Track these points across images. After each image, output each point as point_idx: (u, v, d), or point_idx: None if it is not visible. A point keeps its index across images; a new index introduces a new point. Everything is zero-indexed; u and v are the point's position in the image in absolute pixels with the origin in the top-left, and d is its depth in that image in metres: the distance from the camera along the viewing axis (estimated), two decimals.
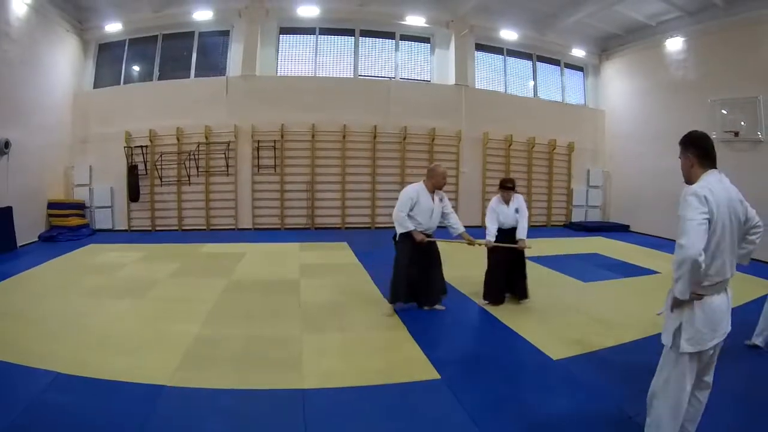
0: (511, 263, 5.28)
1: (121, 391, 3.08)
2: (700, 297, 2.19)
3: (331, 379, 3.40)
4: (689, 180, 2.32)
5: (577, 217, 12.91)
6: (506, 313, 5.07)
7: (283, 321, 4.70)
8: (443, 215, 5.03)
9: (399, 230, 4.81)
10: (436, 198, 4.93)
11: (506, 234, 5.23)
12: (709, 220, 2.11)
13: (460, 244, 5.07)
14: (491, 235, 5.13)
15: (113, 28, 10.66)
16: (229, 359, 3.71)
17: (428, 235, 4.92)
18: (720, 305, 2.25)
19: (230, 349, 3.91)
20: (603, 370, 3.73)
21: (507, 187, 5.27)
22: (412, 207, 4.80)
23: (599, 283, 6.69)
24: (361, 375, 3.49)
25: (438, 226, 5.05)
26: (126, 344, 3.91)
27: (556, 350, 4.05)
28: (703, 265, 2.07)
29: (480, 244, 5.08)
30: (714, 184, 2.20)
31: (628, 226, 12.46)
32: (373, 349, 4.10)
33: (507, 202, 5.27)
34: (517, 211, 5.25)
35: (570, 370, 3.70)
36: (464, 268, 5.89)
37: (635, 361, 3.76)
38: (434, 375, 3.53)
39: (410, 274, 4.90)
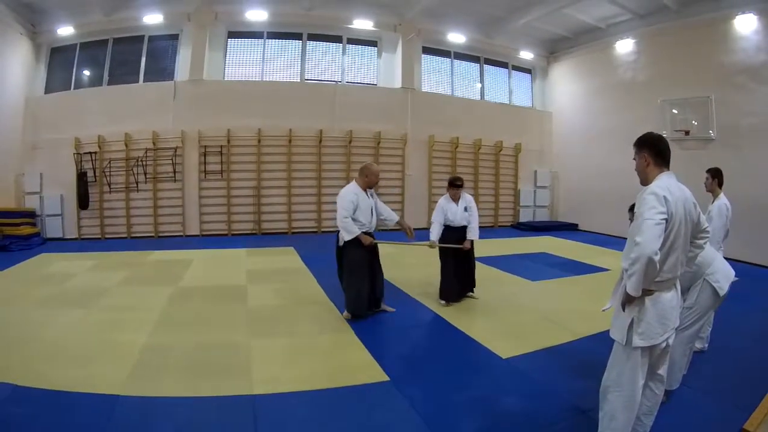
0: (460, 258, 5.38)
1: (78, 402, 3.11)
2: (651, 292, 2.28)
3: (280, 384, 3.41)
4: (645, 180, 2.39)
5: (525, 217, 13.13)
6: (454, 314, 5.12)
7: (231, 327, 4.69)
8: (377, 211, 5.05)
9: (346, 237, 4.67)
10: (368, 194, 4.92)
11: (455, 231, 5.32)
12: (667, 220, 2.19)
13: (405, 246, 5.01)
14: (434, 235, 5.19)
15: (65, 31, 10.63)
16: (178, 367, 3.72)
17: (370, 235, 4.88)
18: (670, 300, 2.35)
19: (179, 356, 3.92)
20: (554, 367, 3.76)
21: (456, 185, 5.34)
22: (355, 209, 4.71)
23: (548, 281, 6.69)
24: (311, 379, 3.51)
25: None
26: (79, 354, 3.92)
27: (505, 349, 4.09)
28: (658, 265, 2.16)
29: (425, 245, 5.15)
30: (672, 184, 2.29)
31: (576, 225, 12.71)
32: (321, 353, 4.11)
33: (456, 200, 5.34)
34: (466, 209, 5.34)
35: (520, 368, 3.74)
36: (409, 269, 5.74)
37: (586, 358, 3.82)
38: (383, 377, 3.55)
39: (368, 282, 4.82)
